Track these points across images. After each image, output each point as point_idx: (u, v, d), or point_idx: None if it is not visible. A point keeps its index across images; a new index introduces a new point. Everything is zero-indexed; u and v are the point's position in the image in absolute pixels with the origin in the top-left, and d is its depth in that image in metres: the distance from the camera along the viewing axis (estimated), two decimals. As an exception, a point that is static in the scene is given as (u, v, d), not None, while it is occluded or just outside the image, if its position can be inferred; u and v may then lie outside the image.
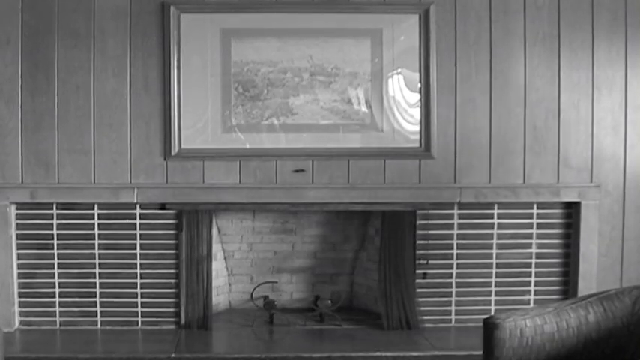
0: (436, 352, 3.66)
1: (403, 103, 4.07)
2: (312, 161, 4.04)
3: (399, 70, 4.05)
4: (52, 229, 4.01)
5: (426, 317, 4.11)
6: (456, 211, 4.11)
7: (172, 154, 3.98)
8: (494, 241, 4.13)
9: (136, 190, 3.97)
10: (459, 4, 4.02)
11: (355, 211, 4.20)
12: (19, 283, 4.02)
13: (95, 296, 4.04)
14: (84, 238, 4.01)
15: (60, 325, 4.05)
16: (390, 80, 4.06)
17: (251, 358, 3.56)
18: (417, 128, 4.06)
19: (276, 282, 4.39)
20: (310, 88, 4.02)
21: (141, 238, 4.03)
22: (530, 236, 4.14)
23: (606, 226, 4.13)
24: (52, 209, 4.00)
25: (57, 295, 4.03)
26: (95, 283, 4.04)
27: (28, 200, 3.94)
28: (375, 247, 4.25)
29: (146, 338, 3.93)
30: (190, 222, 4.01)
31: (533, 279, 4.16)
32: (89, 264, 4.02)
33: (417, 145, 4.06)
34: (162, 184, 4.00)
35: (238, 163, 4.01)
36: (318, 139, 4.04)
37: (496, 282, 4.14)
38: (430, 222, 4.10)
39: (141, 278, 4.05)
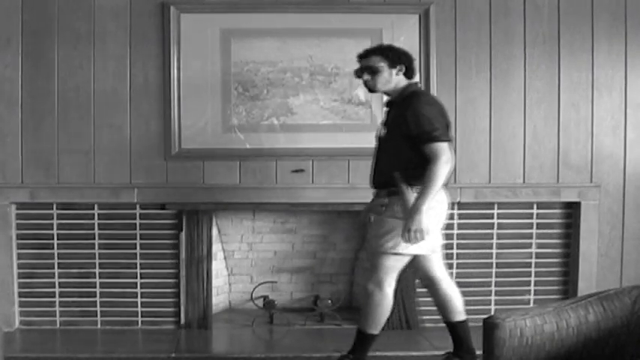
0: (436, 352, 3.65)
1: (403, 103, 4.07)
2: (312, 161, 4.04)
3: (399, 70, 4.05)
4: (52, 229, 4.01)
5: (426, 317, 4.11)
6: (455, 211, 4.11)
7: (172, 154, 3.98)
8: (494, 241, 4.13)
9: (136, 190, 3.97)
10: (459, 4, 4.03)
11: (355, 211, 4.20)
12: (19, 283, 4.02)
13: (95, 296, 4.04)
14: (84, 238, 4.01)
15: (60, 325, 4.05)
16: (390, 80, 4.05)
17: (251, 358, 3.56)
18: (417, 128, 4.06)
19: (276, 282, 4.39)
20: (310, 88, 4.02)
21: (141, 238, 4.03)
22: (530, 236, 4.14)
23: (606, 226, 4.13)
24: (52, 209, 4.00)
25: (57, 295, 4.03)
26: (95, 283, 4.04)
27: (28, 200, 3.94)
28: (375, 247, 4.24)
29: (146, 338, 3.93)
30: (190, 222, 4.01)
31: (533, 279, 4.16)
32: (89, 264, 4.02)
33: (417, 145, 4.06)
34: (162, 184, 4.00)
35: (238, 163, 4.01)
36: (318, 139, 4.03)
37: (496, 282, 4.15)
38: (430, 222, 4.10)
39: (141, 278, 4.05)
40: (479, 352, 2.35)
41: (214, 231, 4.22)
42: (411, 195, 3.02)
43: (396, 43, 3.99)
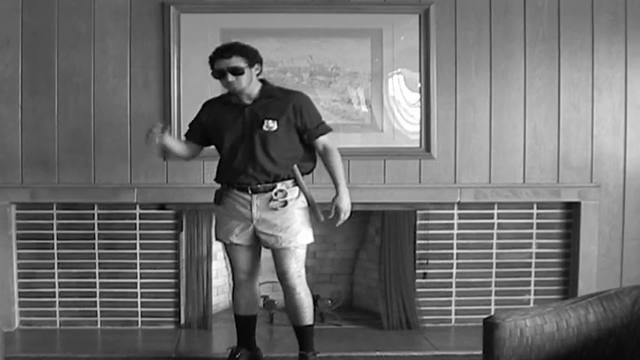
0: (436, 352, 3.66)
1: (403, 103, 4.07)
2: (312, 161, 4.03)
3: (399, 70, 4.05)
4: (52, 229, 4.01)
5: (426, 317, 4.11)
6: (456, 211, 4.11)
7: (172, 154, 3.98)
8: (494, 241, 4.13)
9: (136, 190, 3.97)
10: (459, 4, 4.03)
11: (355, 211, 4.19)
12: (19, 283, 4.02)
13: (95, 296, 4.04)
14: (84, 238, 4.01)
15: (60, 325, 4.05)
16: (390, 80, 4.06)
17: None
18: (417, 128, 4.07)
19: (276, 282, 4.38)
20: (310, 88, 4.01)
21: (141, 238, 4.03)
22: (530, 236, 4.14)
23: (606, 226, 4.13)
24: (52, 209, 4.00)
25: (57, 295, 4.03)
26: (95, 283, 4.04)
27: (28, 200, 3.94)
28: (375, 247, 4.25)
29: (146, 338, 3.93)
30: (190, 222, 4.01)
31: (533, 279, 4.16)
32: (89, 264, 4.02)
33: (417, 145, 4.06)
34: (162, 184, 4.00)
35: (238, 163, 4.00)
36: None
37: (496, 282, 4.15)
38: (430, 222, 4.10)
39: (141, 278, 4.05)
40: (479, 353, 2.34)
41: (214, 231, 4.21)
42: (305, 185, 3.24)
43: (396, 43, 4.03)
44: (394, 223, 4.07)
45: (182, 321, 4.05)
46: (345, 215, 3.22)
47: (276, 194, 3.17)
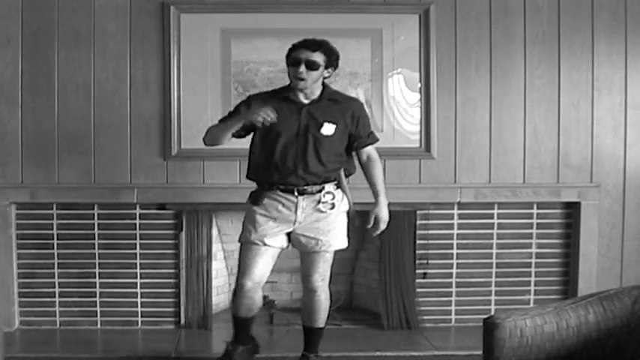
0: (436, 352, 3.66)
1: (403, 103, 4.07)
2: (312, 161, 4.03)
3: (399, 70, 4.05)
4: (52, 229, 4.01)
5: (426, 317, 4.11)
6: (456, 211, 4.11)
7: (172, 154, 3.98)
8: (494, 241, 4.13)
9: (135, 190, 3.97)
10: (459, 4, 4.03)
11: (356, 211, 4.19)
12: (19, 283, 4.02)
13: (95, 296, 4.04)
14: (84, 238, 4.01)
15: (60, 325, 4.05)
16: (390, 80, 4.06)
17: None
18: (417, 128, 4.07)
19: (276, 282, 4.39)
20: (310, 88, 4.01)
21: (141, 238, 4.03)
22: (530, 236, 4.14)
23: (606, 226, 4.13)
24: (52, 209, 4.00)
25: (57, 295, 4.03)
26: (95, 283, 4.04)
27: (28, 200, 3.94)
28: (375, 247, 4.25)
29: (146, 338, 3.93)
30: (190, 222, 4.01)
31: (533, 279, 4.16)
32: (89, 264, 4.02)
33: (417, 145, 4.06)
34: (162, 184, 4.00)
35: (238, 163, 4.00)
36: (318, 139, 4.02)
37: (496, 282, 4.15)
38: (430, 222, 4.10)
39: (141, 278, 4.05)
40: (479, 353, 2.34)
41: (214, 231, 4.21)
42: (347, 189, 3.21)
43: (396, 43, 4.03)
44: (394, 223, 4.03)
45: (182, 321, 4.05)
46: (384, 225, 3.19)
47: (324, 196, 3.12)
